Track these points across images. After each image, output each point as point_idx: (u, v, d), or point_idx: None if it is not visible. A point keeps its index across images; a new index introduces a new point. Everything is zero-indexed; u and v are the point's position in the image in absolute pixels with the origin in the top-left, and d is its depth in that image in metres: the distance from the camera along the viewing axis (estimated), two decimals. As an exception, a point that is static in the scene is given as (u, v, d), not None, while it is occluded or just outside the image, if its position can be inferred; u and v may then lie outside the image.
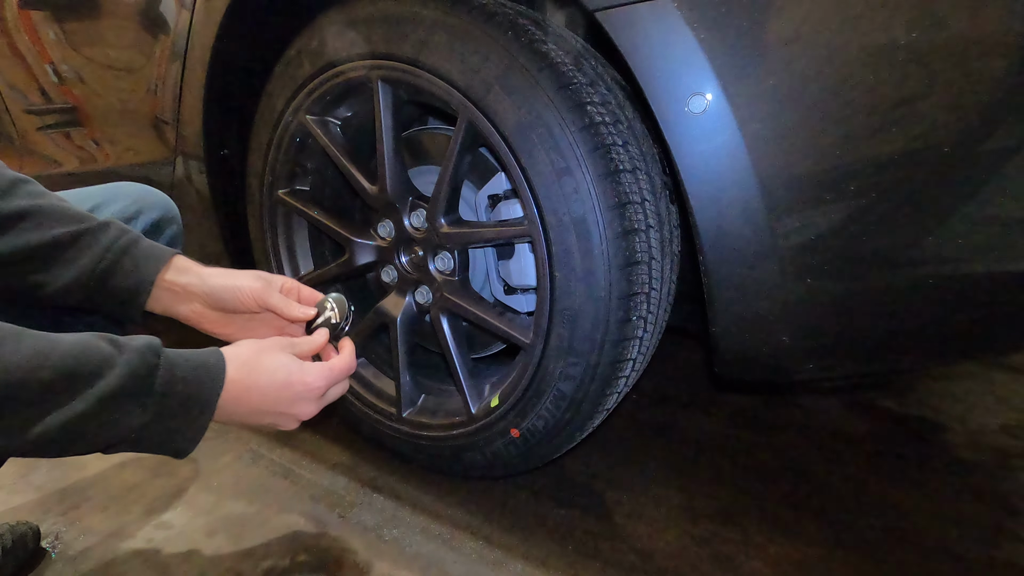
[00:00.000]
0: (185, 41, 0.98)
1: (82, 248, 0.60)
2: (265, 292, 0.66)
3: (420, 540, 0.85)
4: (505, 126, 0.73)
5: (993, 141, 0.55)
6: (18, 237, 0.58)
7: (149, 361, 0.49)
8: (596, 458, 1.04)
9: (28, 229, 0.59)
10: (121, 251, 0.61)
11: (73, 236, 0.60)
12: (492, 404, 0.86)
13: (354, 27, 0.83)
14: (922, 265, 0.61)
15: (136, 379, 0.48)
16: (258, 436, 1.09)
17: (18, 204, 0.58)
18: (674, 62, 0.62)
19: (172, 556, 0.81)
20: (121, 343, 0.49)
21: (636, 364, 0.81)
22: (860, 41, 0.55)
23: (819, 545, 0.85)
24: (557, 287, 0.75)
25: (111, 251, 0.61)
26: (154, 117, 1.09)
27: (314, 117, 0.93)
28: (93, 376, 0.46)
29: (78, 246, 0.60)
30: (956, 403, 1.26)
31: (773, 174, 0.61)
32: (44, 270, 0.60)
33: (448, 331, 0.90)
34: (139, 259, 0.62)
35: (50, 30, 1.18)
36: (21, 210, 0.58)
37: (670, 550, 0.84)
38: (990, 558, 0.83)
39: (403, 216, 0.91)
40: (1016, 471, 1.03)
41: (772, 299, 0.67)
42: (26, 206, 0.59)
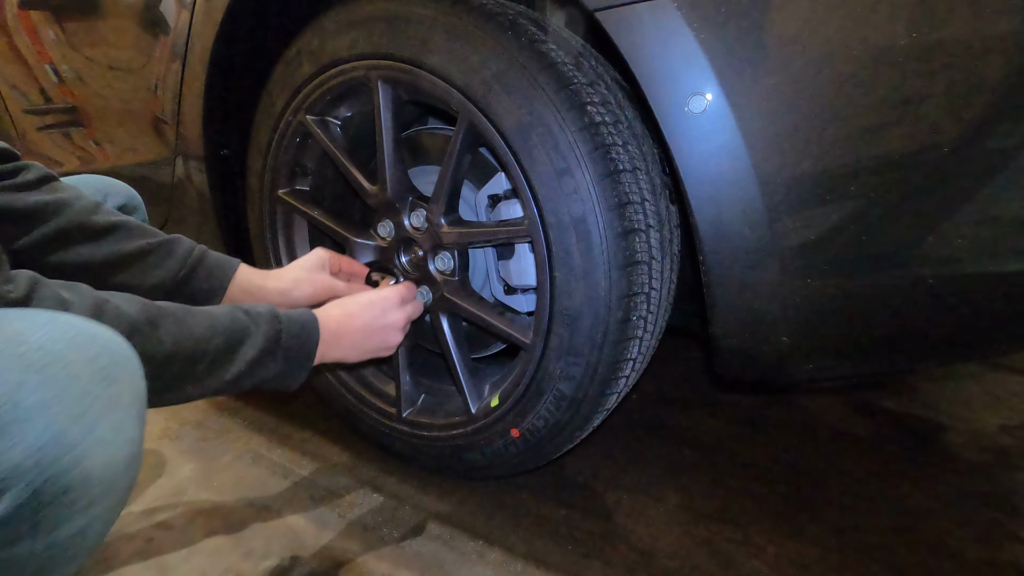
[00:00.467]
0: (185, 41, 0.98)
1: (163, 256, 0.74)
2: (332, 286, 0.84)
3: (420, 540, 0.85)
4: (505, 126, 0.73)
5: (993, 141, 0.55)
6: (112, 246, 0.71)
7: (275, 327, 0.64)
8: (596, 458, 1.04)
9: (119, 239, 0.72)
10: (197, 260, 0.76)
11: (153, 247, 0.74)
12: (492, 404, 0.86)
13: (354, 27, 0.83)
14: (922, 265, 0.61)
15: (269, 342, 0.63)
16: (258, 436, 1.09)
17: (108, 219, 0.72)
18: (674, 62, 0.62)
19: (172, 556, 0.81)
20: (253, 314, 0.63)
21: (636, 364, 0.81)
22: (860, 41, 0.55)
23: (819, 545, 0.85)
24: (557, 287, 0.75)
25: (189, 259, 0.75)
26: (154, 117, 1.09)
27: (314, 117, 0.93)
28: (242, 343, 0.61)
29: (159, 254, 0.74)
30: (956, 403, 1.26)
31: (773, 174, 0.61)
32: (130, 274, 0.73)
33: (448, 331, 0.90)
34: (212, 267, 0.77)
35: (50, 30, 1.18)
36: (111, 224, 0.72)
37: (670, 550, 0.84)
38: (990, 558, 0.83)
39: (403, 216, 0.91)
40: (1016, 471, 1.03)
41: (772, 299, 0.67)
42: (115, 220, 0.72)
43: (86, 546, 0.43)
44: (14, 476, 0.36)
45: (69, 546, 0.41)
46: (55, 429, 0.38)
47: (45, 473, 0.37)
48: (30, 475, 0.37)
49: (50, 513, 0.38)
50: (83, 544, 0.42)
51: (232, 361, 0.60)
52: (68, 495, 0.39)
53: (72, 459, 0.39)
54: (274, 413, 1.17)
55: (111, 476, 0.42)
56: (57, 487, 0.38)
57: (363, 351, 0.77)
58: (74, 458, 0.39)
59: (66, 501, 0.39)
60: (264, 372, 0.63)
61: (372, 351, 0.79)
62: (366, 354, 0.78)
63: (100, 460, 0.40)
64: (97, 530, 0.43)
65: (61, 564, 0.42)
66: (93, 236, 0.70)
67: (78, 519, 0.40)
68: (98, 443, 0.40)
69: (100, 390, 0.41)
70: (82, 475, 0.39)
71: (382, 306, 0.78)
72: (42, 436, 0.37)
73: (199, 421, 1.14)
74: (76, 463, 0.39)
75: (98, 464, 0.40)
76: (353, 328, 0.75)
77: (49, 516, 0.38)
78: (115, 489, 0.43)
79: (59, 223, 0.68)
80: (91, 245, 0.70)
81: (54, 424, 0.38)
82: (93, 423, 0.40)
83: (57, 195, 0.69)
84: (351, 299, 0.77)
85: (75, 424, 0.39)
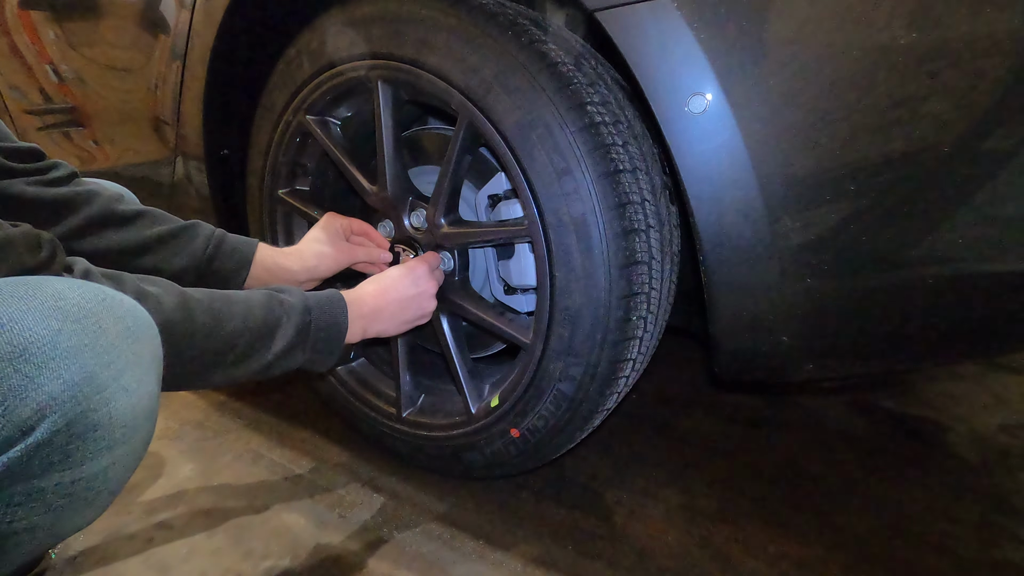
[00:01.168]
0: (185, 41, 0.98)
1: (187, 241, 0.79)
2: (352, 253, 0.90)
3: (420, 540, 0.85)
4: (505, 126, 0.73)
5: (993, 141, 0.55)
6: (139, 231, 0.76)
7: (305, 319, 0.67)
8: (596, 458, 1.04)
9: (145, 226, 0.77)
10: (219, 240, 0.81)
11: (177, 231, 0.79)
12: (492, 404, 0.86)
13: (354, 27, 0.83)
14: (922, 265, 0.61)
15: (299, 335, 0.66)
16: (258, 436, 1.09)
17: (132, 207, 0.77)
18: (674, 62, 0.62)
19: (172, 556, 0.81)
20: (286, 305, 0.66)
21: (636, 364, 0.81)
22: (860, 41, 0.55)
23: (819, 545, 0.85)
24: (557, 287, 0.75)
25: (211, 241, 0.80)
26: (154, 117, 1.09)
27: (314, 117, 0.93)
28: (272, 336, 0.64)
29: (184, 238, 0.79)
30: (956, 403, 1.26)
31: (773, 174, 0.61)
32: (159, 257, 0.78)
33: (448, 331, 0.90)
34: (233, 247, 0.82)
35: (50, 30, 1.18)
36: (136, 212, 0.77)
37: (670, 550, 0.84)
38: (990, 558, 0.83)
39: (403, 216, 0.91)
40: (1016, 471, 1.03)
41: (772, 299, 0.67)
42: (139, 209, 0.77)
43: (108, 488, 0.47)
44: (52, 405, 0.41)
45: (93, 485, 0.45)
46: (88, 370, 0.42)
47: (79, 407, 0.42)
48: (66, 406, 0.41)
49: (80, 445, 0.42)
50: (105, 486, 0.46)
51: (261, 353, 0.63)
52: (96, 432, 0.43)
53: (101, 399, 0.43)
54: (274, 413, 1.17)
55: (133, 422, 0.46)
56: (88, 422, 0.42)
57: (402, 322, 0.81)
58: (103, 399, 0.43)
59: (94, 437, 0.43)
60: (292, 362, 0.67)
61: (411, 321, 0.83)
62: (405, 324, 0.82)
63: (124, 405, 0.45)
64: (118, 474, 0.47)
65: (84, 504, 0.46)
66: (121, 223, 0.75)
67: (103, 457, 0.44)
68: (123, 390, 0.45)
69: (126, 345, 0.46)
70: (108, 415, 0.44)
71: (413, 277, 0.81)
72: (77, 374, 0.42)
73: (199, 421, 1.14)
74: (105, 403, 0.43)
75: (122, 408, 0.45)
76: (390, 300, 0.79)
77: (79, 448, 0.43)
78: (135, 435, 0.47)
79: (89, 212, 0.73)
80: (120, 232, 0.75)
81: (87, 366, 0.42)
82: (119, 372, 0.45)
83: (86, 187, 0.75)
84: (383, 275, 0.81)
85: (105, 369, 0.44)
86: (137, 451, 0.48)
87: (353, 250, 0.90)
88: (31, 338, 0.41)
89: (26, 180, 0.71)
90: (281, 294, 0.67)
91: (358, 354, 1.05)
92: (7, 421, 0.39)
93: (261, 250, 0.84)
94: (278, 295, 0.67)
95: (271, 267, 0.84)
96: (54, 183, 0.72)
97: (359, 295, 0.77)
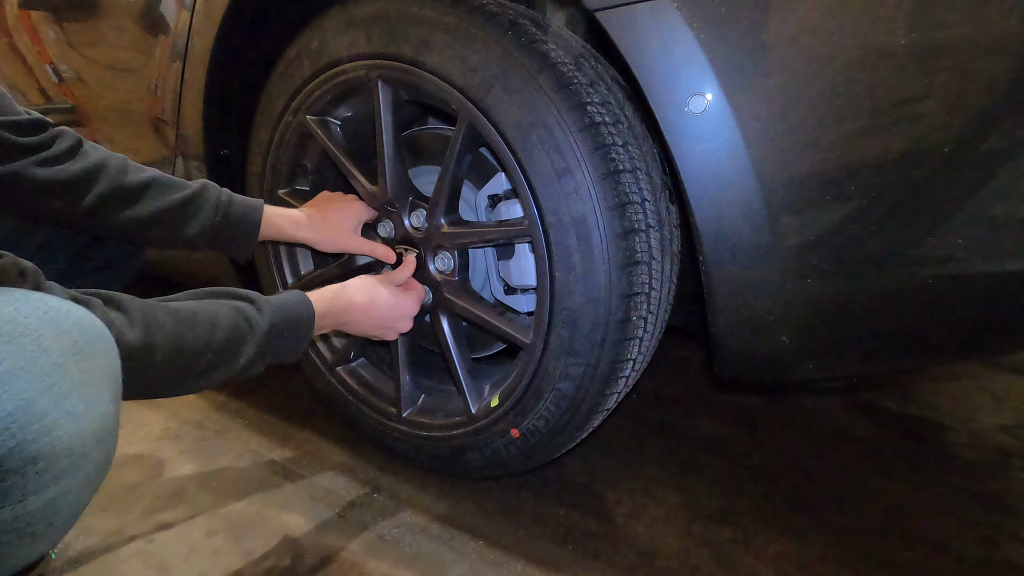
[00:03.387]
0: (185, 41, 0.98)
1: (198, 207, 0.80)
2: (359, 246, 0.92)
3: (420, 540, 0.85)
4: (505, 126, 0.73)
5: (993, 141, 0.55)
6: (149, 203, 0.77)
7: (269, 333, 0.68)
8: (596, 458, 1.04)
9: (153, 196, 0.77)
10: (226, 208, 0.82)
11: (187, 199, 0.79)
12: (492, 404, 0.86)
13: (354, 27, 0.83)
14: (922, 265, 0.61)
15: (262, 348, 0.67)
16: (258, 436, 1.09)
17: (140, 177, 0.77)
18: (674, 62, 0.62)
19: (172, 556, 0.81)
20: (251, 321, 0.66)
21: (636, 364, 0.81)
22: (860, 41, 0.55)
23: (819, 545, 0.85)
24: (557, 287, 0.75)
25: (219, 210, 0.81)
26: (154, 117, 1.09)
27: (314, 117, 0.93)
28: (238, 351, 0.64)
29: (195, 206, 0.79)
30: (956, 403, 1.26)
31: (773, 174, 0.61)
32: (171, 226, 0.79)
33: (448, 331, 0.90)
34: (241, 215, 0.83)
35: (50, 30, 1.18)
36: (143, 182, 0.77)
37: (670, 550, 0.84)
38: (990, 558, 0.83)
39: (403, 216, 0.91)
40: (1016, 471, 1.03)
41: (772, 299, 0.67)
42: (146, 178, 0.77)
43: (59, 521, 0.43)
44: None
45: (40, 518, 0.41)
46: (24, 398, 0.38)
47: (13, 440, 0.38)
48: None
49: (18, 481, 0.38)
50: (55, 518, 0.42)
51: (225, 367, 0.63)
52: (36, 464, 0.39)
53: (41, 428, 0.39)
54: (274, 413, 1.17)
55: (82, 448, 0.42)
56: (25, 455, 0.38)
57: (364, 332, 0.86)
58: (43, 428, 0.39)
59: (34, 471, 0.39)
60: (257, 367, 0.68)
61: (372, 334, 0.87)
62: (365, 334, 0.87)
63: (70, 431, 0.40)
64: (69, 504, 0.43)
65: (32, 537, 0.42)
66: (129, 197, 0.76)
67: (48, 490, 0.40)
68: (68, 415, 0.40)
69: (71, 364, 0.42)
70: (51, 445, 0.39)
71: (401, 312, 0.86)
72: (10, 404, 0.38)
73: (199, 421, 1.14)
74: (45, 432, 0.39)
75: (68, 435, 0.40)
76: (370, 315, 0.82)
77: (17, 484, 0.38)
78: (87, 462, 0.43)
79: (99, 190, 0.74)
80: (131, 206, 0.76)
81: (23, 393, 0.38)
82: (63, 395, 0.40)
83: (92, 162, 0.74)
84: (380, 291, 0.84)
85: (45, 394, 0.39)
86: (91, 478, 0.44)
87: (360, 245, 0.92)
88: None
89: (35, 160, 0.71)
90: (249, 307, 0.66)
91: (358, 354, 1.05)
92: None
93: (267, 216, 0.86)
94: (244, 311, 0.66)
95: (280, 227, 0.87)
96: (61, 158, 0.73)
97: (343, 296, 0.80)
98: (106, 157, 0.77)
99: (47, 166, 0.72)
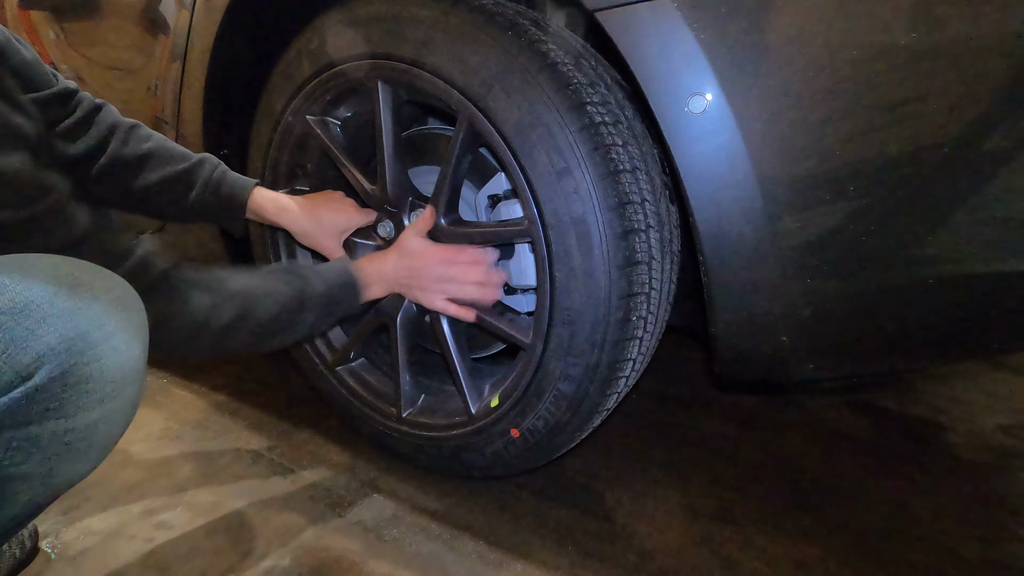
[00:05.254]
0: (185, 41, 0.98)
1: (194, 178, 0.83)
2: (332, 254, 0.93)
3: (420, 540, 0.85)
4: (505, 126, 0.73)
5: (993, 141, 0.55)
6: (150, 174, 0.81)
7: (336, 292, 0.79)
8: (596, 458, 1.04)
9: (154, 167, 0.81)
10: (218, 181, 0.85)
11: (186, 170, 0.83)
12: (492, 404, 0.86)
13: (354, 27, 0.83)
14: (922, 265, 0.61)
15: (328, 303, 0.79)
16: (258, 436, 1.09)
17: (141, 148, 0.81)
18: (674, 62, 0.62)
19: (172, 556, 0.81)
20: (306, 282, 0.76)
21: (636, 364, 0.81)
22: (860, 41, 0.55)
23: (819, 545, 0.85)
24: (557, 287, 0.75)
25: (210, 183, 0.84)
26: (154, 117, 1.09)
27: (314, 117, 0.93)
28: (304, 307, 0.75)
29: (192, 177, 0.83)
30: (956, 403, 1.26)
31: (773, 174, 0.61)
32: (166, 198, 0.83)
33: (448, 331, 0.90)
34: (230, 187, 0.86)
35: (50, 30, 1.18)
36: (144, 153, 0.80)
37: (670, 550, 0.84)
38: (990, 558, 0.83)
39: (403, 216, 0.91)
40: (1016, 471, 1.03)
41: (772, 299, 0.67)
42: (147, 149, 0.81)
43: (97, 443, 0.51)
44: (49, 355, 0.45)
45: (84, 436, 0.49)
46: (82, 328, 0.47)
47: (73, 358, 0.46)
48: (61, 357, 0.46)
49: (73, 394, 0.47)
50: (95, 439, 0.50)
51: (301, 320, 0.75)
52: (88, 383, 0.47)
53: (93, 355, 0.47)
54: (274, 413, 1.17)
55: (122, 378, 0.50)
56: (81, 373, 0.47)
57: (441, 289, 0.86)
58: (95, 354, 0.48)
59: (86, 388, 0.47)
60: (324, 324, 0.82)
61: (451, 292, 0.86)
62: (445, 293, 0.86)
63: (114, 362, 0.49)
64: (108, 430, 0.51)
65: (76, 455, 0.49)
66: (128, 169, 0.80)
67: (94, 410, 0.48)
68: (113, 349, 0.49)
69: (115, 312, 0.51)
70: (100, 369, 0.48)
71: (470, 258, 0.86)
72: (72, 331, 0.46)
73: (199, 421, 1.14)
74: (96, 359, 0.48)
75: (112, 365, 0.49)
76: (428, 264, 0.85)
77: (72, 398, 0.47)
78: (123, 393, 0.51)
79: (103, 162, 0.79)
80: (129, 178, 0.80)
81: (81, 324, 0.47)
82: (110, 333, 0.49)
83: (100, 131, 0.79)
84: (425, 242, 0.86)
85: (97, 330, 0.48)
86: (125, 410, 0.52)
87: (334, 251, 0.93)
88: (31, 297, 0.46)
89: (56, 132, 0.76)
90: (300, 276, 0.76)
91: (358, 354, 1.05)
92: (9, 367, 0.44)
93: (256, 197, 0.88)
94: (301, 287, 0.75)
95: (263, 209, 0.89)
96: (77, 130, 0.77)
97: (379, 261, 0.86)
98: (114, 126, 0.80)
99: (66, 139, 0.76)
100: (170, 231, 1.20)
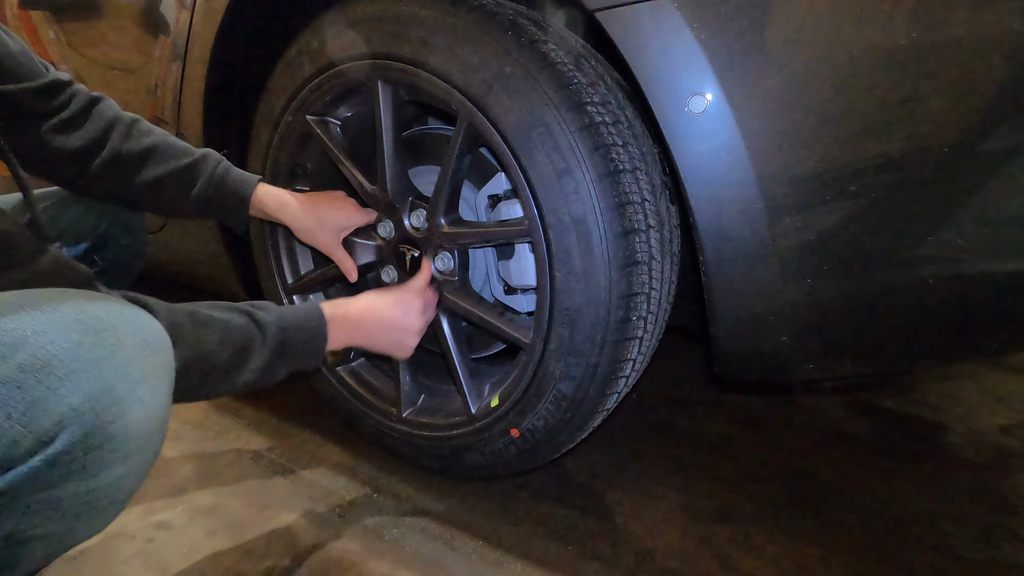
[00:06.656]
0: (185, 41, 0.98)
1: (197, 174, 0.82)
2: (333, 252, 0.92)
3: (420, 540, 0.85)
4: (505, 126, 0.73)
5: (993, 141, 0.55)
6: (152, 170, 0.79)
7: (280, 339, 0.68)
8: (596, 458, 1.04)
9: (156, 163, 0.79)
10: (221, 177, 0.83)
11: (188, 166, 0.81)
12: (492, 404, 0.86)
13: (354, 27, 0.83)
14: (922, 265, 0.61)
15: (274, 353, 0.67)
16: (258, 436, 1.09)
17: (143, 143, 0.79)
18: (674, 62, 0.62)
19: (172, 556, 0.81)
20: (262, 324, 0.67)
21: (636, 364, 0.81)
22: (860, 41, 0.55)
23: (819, 545, 0.85)
24: (557, 287, 0.75)
25: (213, 178, 0.83)
26: (154, 117, 1.09)
27: (314, 117, 0.93)
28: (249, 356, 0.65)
29: (195, 172, 0.82)
30: (956, 403, 1.26)
31: (773, 174, 0.61)
32: (168, 194, 0.81)
33: (448, 331, 0.90)
34: (233, 183, 0.85)
35: (50, 30, 1.18)
36: (146, 148, 0.79)
37: (670, 550, 0.84)
38: (990, 558, 0.83)
39: (403, 216, 0.91)
40: (1016, 471, 1.03)
41: (772, 299, 0.67)
42: (149, 144, 0.79)
43: (119, 499, 0.48)
44: (71, 417, 0.42)
45: (106, 494, 0.46)
46: (106, 383, 0.43)
47: (98, 419, 0.43)
48: (84, 418, 0.42)
49: (96, 456, 0.43)
50: (117, 495, 0.47)
51: (241, 371, 0.65)
52: (112, 443, 0.44)
53: (118, 411, 0.44)
54: (274, 413, 1.17)
55: (146, 433, 0.47)
56: (105, 433, 0.43)
57: (378, 346, 0.84)
58: (120, 411, 0.44)
59: (110, 448, 0.44)
60: (274, 375, 0.69)
61: (387, 348, 0.85)
62: (380, 349, 0.85)
63: (139, 417, 0.46)
64: (129, 484, 0.48)
65: (96, 513, 0.47)
66: (130, 164, 0.78)
67: (117, 468, 0.45)
68: (139, 402, 0.46)
69: (142, 358, 0.47)
70: (124, 427, 0.45)
71: (405, 309, 0.83)
72: (96, 387, 0.43)
73: (199, 421, 1.14)
74: (121, 415, 0.44)
75: (137, 420, 0.46)
76: (373, 321, 0.81)
77: (95, 459, 0.44)
78: (148, 447, 0.48)
79: (104, 156, 0.77)
80: (130, 174, 0.79)
81: (106, 378, 0.44)
82: (135, 384, 0.46)
83: (98, 127, 0.77)
84: (379, 295, 0.83)
85: (122, 382, 0.45)
86: (148, 462, 0.50)
87: (334, 248, 0.92)
88: (54, 352, 0.42)
89: (51, 125, 0.74)
90: (257, 315, 0.68)
91: (358, 354, 1.05)
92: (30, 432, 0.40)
93: (259, 193, 0.87)
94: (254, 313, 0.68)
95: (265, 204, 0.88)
96: (75, 122, 0.75)
97: (343, 308, 0.79)
98: (114, 120, 0.78)
99: (61, 132, 0.74)
100: (170, 231, 1.20)
